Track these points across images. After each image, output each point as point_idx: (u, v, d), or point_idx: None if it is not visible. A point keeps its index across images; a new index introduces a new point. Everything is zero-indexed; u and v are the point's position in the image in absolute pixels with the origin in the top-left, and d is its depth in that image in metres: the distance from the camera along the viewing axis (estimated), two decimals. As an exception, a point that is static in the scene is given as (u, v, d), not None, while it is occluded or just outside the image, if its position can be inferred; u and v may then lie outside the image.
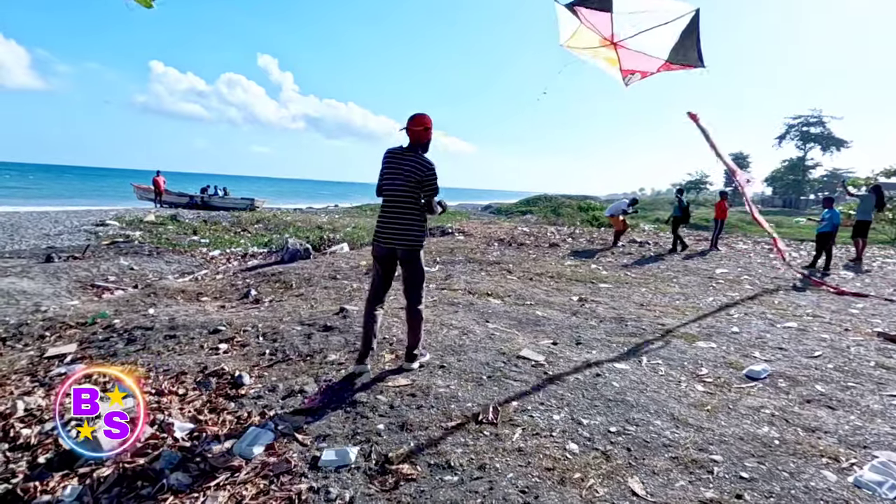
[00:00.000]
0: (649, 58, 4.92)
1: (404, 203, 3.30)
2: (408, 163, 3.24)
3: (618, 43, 4.90)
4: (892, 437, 2.69)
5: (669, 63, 4.86)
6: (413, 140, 3.29)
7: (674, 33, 4.51)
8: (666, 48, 4.71)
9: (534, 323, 4.81)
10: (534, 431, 2.69)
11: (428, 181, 3.23)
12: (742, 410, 3.00)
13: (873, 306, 6.18)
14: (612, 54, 5.09)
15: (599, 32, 4.83)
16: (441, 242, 10.52)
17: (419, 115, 3.30)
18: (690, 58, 4.70)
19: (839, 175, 57.03)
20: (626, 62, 5.14)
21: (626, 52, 4.98)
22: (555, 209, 34.14)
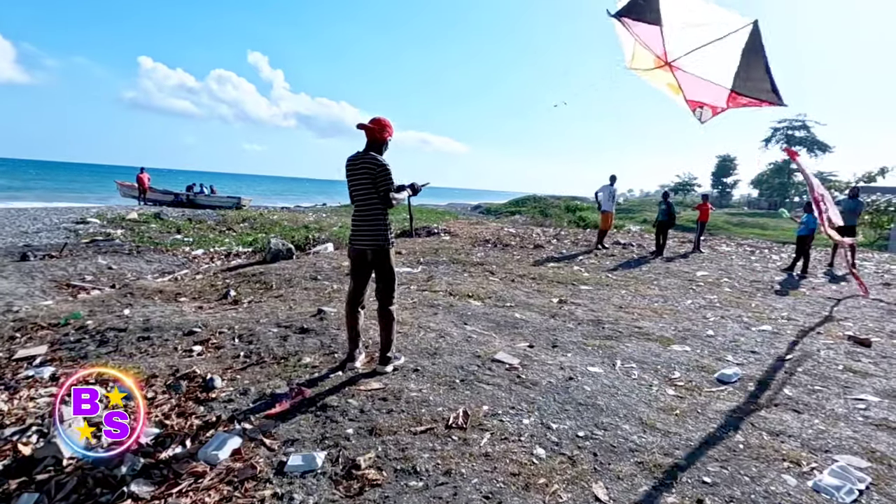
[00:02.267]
0: (711, 85, 4.29)
1: (368, 205, 3.41)
2: (362, 165, 3.36)
3: (672, 64, 4.35)
4: (853, 442, 2.74)
5: (736, 94, 4.20)
6: (370, 139, 3.41)
7: (734, 53, 3.89)
8: (728, 73, 4.07)
9: (512, 325, 4.83)
10: (502, 436, 2.70)
11: (380, 177, 3.31)
12: (710, 414, 3.04)
13: (847, 309, 6.30)
14: (671, 78, 4.53)
15: (652, 50, 4.31)
16: (426, 243, 10.51)
17: (378, 117, 3.46)
18: (762, 89, 4.01)
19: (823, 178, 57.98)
20: (688, 90, 4.55)
21: (685, 77, 4.42)
22: (543, 210, 34.27)
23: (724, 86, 4.16)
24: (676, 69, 4.36)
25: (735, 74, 4.00)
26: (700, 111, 4.61)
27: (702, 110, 4.60)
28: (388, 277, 3.54)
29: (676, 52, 4.21)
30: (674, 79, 4.48)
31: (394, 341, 3.64)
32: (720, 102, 4.39)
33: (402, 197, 3.60)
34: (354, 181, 3.41)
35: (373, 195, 3.37)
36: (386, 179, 3.35)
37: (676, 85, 4.53)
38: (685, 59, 4.22)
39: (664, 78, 4.57)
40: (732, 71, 3.99)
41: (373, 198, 3.38)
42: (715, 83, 4.20)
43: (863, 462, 2.54)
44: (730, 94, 4.19)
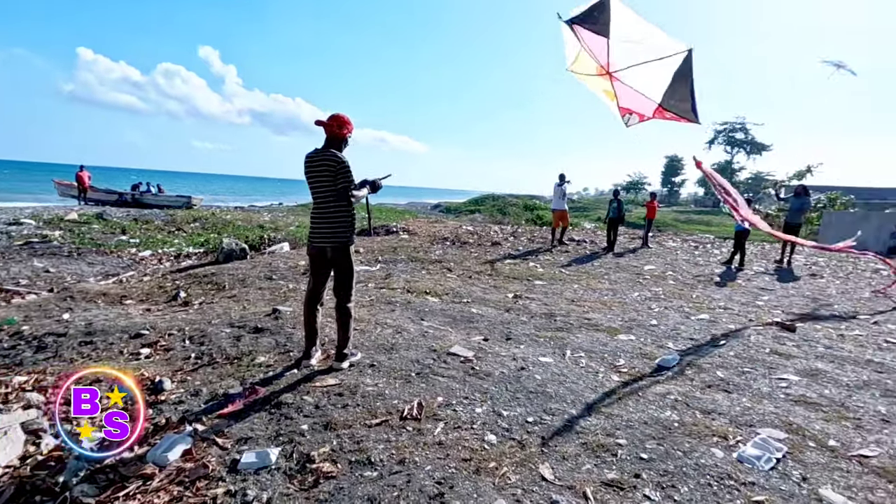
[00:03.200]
0: (643, 98, 4.74)
1: (327, 202, 3.44)
2: (321, 162, 3.37)
3: (613, 74, 4.72)
4: (774, 416, 3.00)
5: (663, 109, 4.70)
6: (329, 136, 3.43)
7: (667, 74, 4.37)
8: (659, 89, 4.54)
9: (468, 320, 4.94)
10: (455, 425, 2.79)
11: (340, 174, 3.34)
12: (650, 397, 3.24)
13: (777, 298, 6.79)
14: (609, 86, 4.90)
15: (596, 59, 4.66)
16: (385, 241, 10.50)
17: (337, 114, 3.48)
18: (684, 109, 4.55)
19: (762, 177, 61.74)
20: (622, 98, 4.96)
21: (622, 87, 4.81)
22: (501, 208, 34.81)
23: (654, 100, 4.64)
24: (616, 79, 4.72)
25: (665, 92, 4.49)
26: (629, 117, 5.09)
27: (630, 116, 5.08)
28: (347, 275, 3.57)
29: (618, 64, 4.58)
30: (611, 87, 4.85)
31: (350, 338, 3.66)
32: (647, 112, 4.87)
33: (362, 194, 3.62)
34: (314, 178, 3.42)
35: (331, 192, 3.39)
36: (346, 176, 3.37)
37: (613, 92, 4.91)
38: (625, 71, 4.60)
39: (602, 84, 4.92)
40: (663, 88, 4.48)
41: (332, 195, 3.40)
42: (647, 96, 4.67)
43: (781, 434, 2.78)
44: (657, 107, 4.69)
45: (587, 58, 4.70)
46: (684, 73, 4.24)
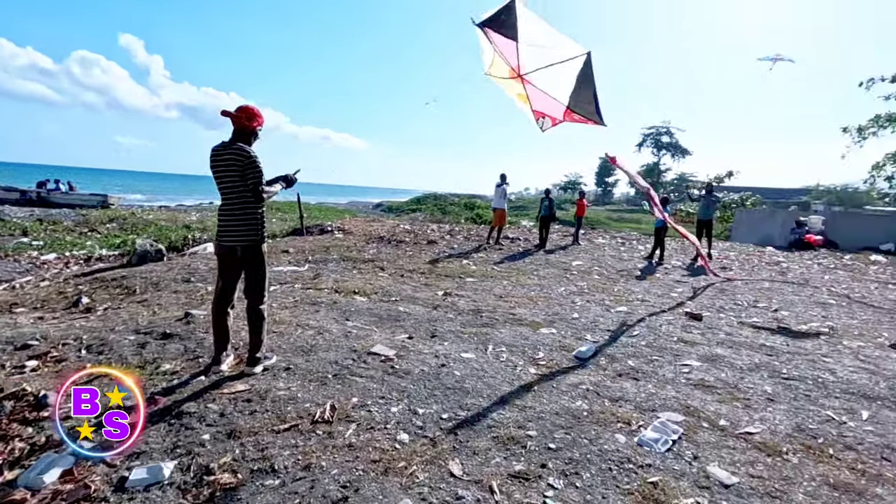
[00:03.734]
0: (553, 100, 4.89)
1: (236, 198, 3.29)
2: (227, 156, 3.21)
3: (524, 77, 4.84)
4: (674, 401, 3.19)
5: (571, 111, 4.88)
6: (237, 128, 3.28)
7: (571, 76, 4.54)
8: (566, 92, 4.72)
9: (394, 319, 4.89)
10: (368, 426, 2.74)
11: (248, 169, 3.19)
12: (563, 388, 3.34)
13: (689, 290, 7.26)
14: (521, 89, 5.02)
15: (508, 62, 4.75)
16: (318, 241, 10.22)
17: (245, 105, 3.34)
18: (589, 111, 4.76)
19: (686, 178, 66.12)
20: (534, 102, 5.10)
21: (533, 90, 4.94)
22: (442, 208, 34.99)
23: (562, 102, 4.84)
24: (527, 82, 4.87)
25: (571, 94, 4.70)
26: (542, 120, 5.26)
27: (543, 120, 5.26)
28: (259, 275, 3.43)
29: (527, 66, 4.73)
30: (524, 90, 5.00)
31: (264, 341, 3.51)
32: (558, 115, 5.06)
33: (274, 190, 3.50)
34: (220, 173, 3.24)
35: (240, 188, 3.24)
36: (255, 171, 3.23)
37: (525, 95, 5.06)
38: (534, 74, 4.75)
39: (516, 88, 5.06)
40: (569, 90, 4.68)
41: (241, 191, 3.24)
42: (555, 99, 4.85)
43: (679, 416, 2.96)
44: (566, 109, 4.89)
45: (501, 61, 4.83)
46: (587, 76, 4.46)
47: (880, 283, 8.85)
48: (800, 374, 3.75)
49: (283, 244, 9.77)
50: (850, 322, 5.68)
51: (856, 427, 2.90)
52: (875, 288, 8.28)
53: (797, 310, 6.23)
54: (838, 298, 7.13)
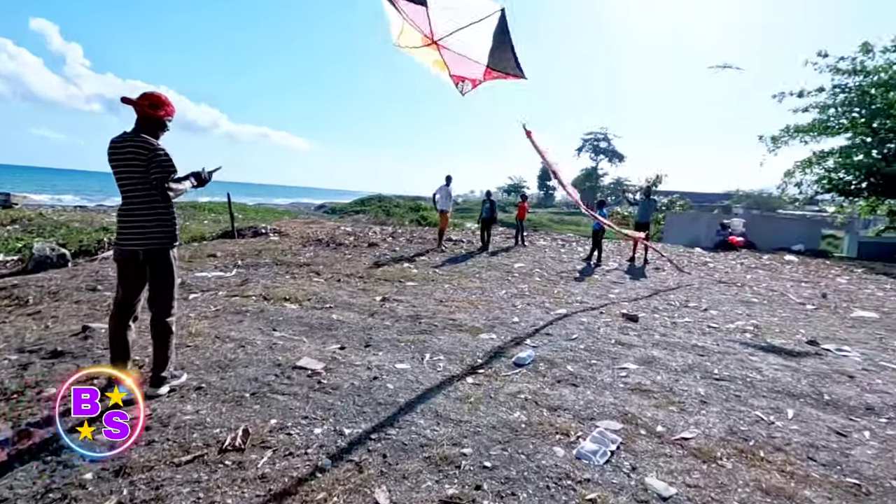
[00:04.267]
0: (471, 62, 4.75)
1: (138, 196, 2.91)
2: (128, 149, 2.85)
3: (438, 42, 4.66)
4: (612, 407, 3.12)
5: (490, 69, 4.75)
6: (140, 118, 2.93)
7: (487, 35, 4.42)
8: (484, 51, 4.59)
9: (327, 327, 4.57)
10: (287, 451, 2.45)
11: (153, 164, 2.84)
12: (501, 398, 3.19)
13: (626, 291, 7.42)
14: (438, 56, 4.85)
15: (420, 29, 4.56)
16: (250, 244, 9.61)
17: (150, 91, 2.98)
18: (509, 66, 4.65)
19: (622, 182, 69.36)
20: (452, 66, 4.93)
21: (450, 55, 4.78)
22: (387, 209, 34.51)
23: (481, 62, 4.73)
24: (442, 48, 4.72)
25: (489, 53, 4.59)
26: (462, 85, 5.11)
27: (463, 84, 5.10)
28: (166, 284, 3.04)
29: (441, 31, 4.57)
30: (440, 56, 4.84)
31: (172, 358, 3.12)
32: (478, 76, 4.96)
33: (182, 188, 3.10)
34: (120, 169, 2.87)
35: (143, 185, 2.87)
36: (160, 166, 2.87)
37: (442, 62, 4.90)
38: (449, 38, 4.61)
39: (431, 55, 4.88)
40: (487, 50, 4.57)
41: (144, 188, 2.87)
42: (474, 60, 4.74)
43: (617, 424, 2.88)
44: (486, 69, 4.79)
45: (411, 30, 4.65)
46: (503, 32, 4.36)
47: (794, 282, 9.49)
48: (730, 373, 3.82)
49: (211, 248, 9.09)
50: (771, 320, 5.98)
51: (783, 427, 2.95)
52: (791, 286, 8.86)
53: (724, 308, 6.49)
54: (760, 297, 7.54)
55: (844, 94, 19.72)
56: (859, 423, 3.05)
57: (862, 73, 19.32)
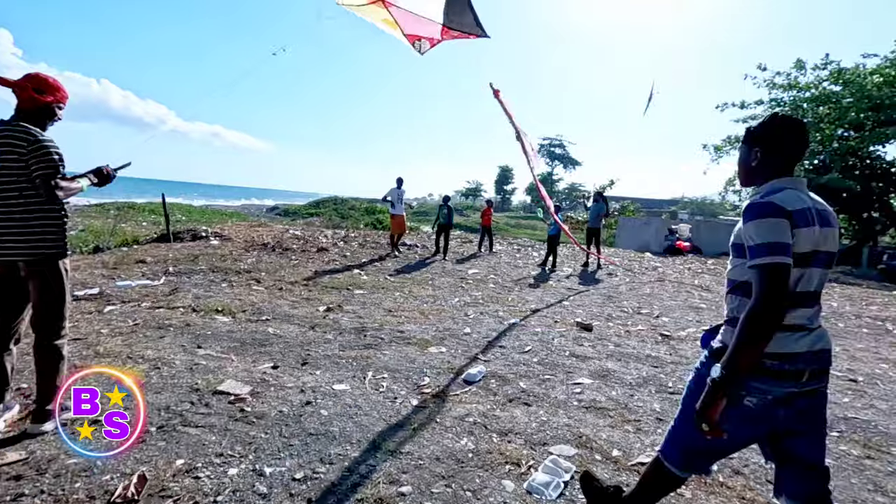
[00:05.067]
0: (426, 20, 4.46)
1: (14, 196, 2.45)
2: (3, 140, 2.41)
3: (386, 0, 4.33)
4: (566, 429, 2.90)
5: (447, 27, 4.48)
6: (21, 103, 2.49)
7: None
8: (438, 8, 4.33)
9: (260, 343, 4.16)
10: (192, 500, 2.07)
11: (34, 158, 2.40)
12: (448, 422, 2.91)
13: (580, 297, 7.35)
14: (387, 14, 4.51)
15: None
16: (186, 248, 8.93)
17: (36, 73, 2.56)
18: (467, 24, 4.41)
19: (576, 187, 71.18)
20: (405, 25, 4.59)
21: (400, 13, 4.45)
22: (341, 212, 33.74)
23: (436, 21, 4.47)
24: (390, 5, 4.41)
25: (444, 10, 4.36)
26: (419, 43, 4.81)
27: (420, 43, 4.81)
28: (53, 301, 2.59)
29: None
30: (389, 14, 4.53)
31: (61, 388, 2.65)
32: (435, 35, 4.70)
33: (76, 187, 2.65)
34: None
35: (21, 182, 2.43)
36: (43, 161, 2.43)
37: (393, 20, 4.59)
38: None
39: (379, 14, 4.55)
40: (441, 6, 4.34)
41: (21, 186, 2.43)
42: (428, 18, 4.47)
43: (571, 450, 2.66)
44: (442, 27, 4.55)
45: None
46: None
47: (739, 287, 9.77)
48: (684, 386, 3.70)
49: (142, 252, 8.36)
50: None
51: (740, 445, 2.82)
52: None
53: (675, 315, 6.51)
54: (707, 302, 7.66)
55: (780, 108, 20.89)
56: (813, 438, 2.97)
57: (795, 89, 20.55)
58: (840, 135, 20.06)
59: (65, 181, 2.56)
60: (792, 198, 1.44)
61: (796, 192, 1.49)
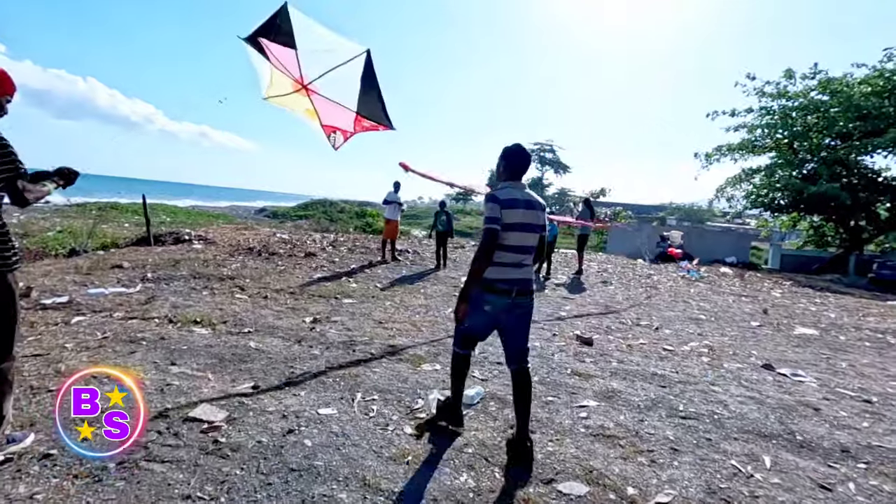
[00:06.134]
0: (342, 109, 4.56)
1: None
2: None
3: (308, 87, 4.45)
4: (575, 462, 2.64)
5: (360, 117, 4.59)
6: None
7: (355, 79, 4.27)
8: (353, 96, 4.41)
9: (241, 359, 3.85)
10: (150, 559, 1.77)
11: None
12: (446, 454, 2.63)
13: (577, 307, 7.12)
14: (308, 103, 4.60)
15: (289, 73, 4.34)
16: (167, 252, 8.54)
17: None
18: (377, 115, 4.55)
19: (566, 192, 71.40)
20: (324, 115, 4.70)
21: (320, 101, 4.57)
22: (331, 215, 33.30)
23: (351, 109, 4.54)
24: (312, 92, 4.50)
25: (358, 98, 4.43)
26: (334, 136, 4.84)
27: (335, 135, 4.82)
28: (3, 320, 2.28)
29: (311, 74, 4.35)
30: (310, 103, 4.61)
31: (8, 417, 2.35)
32: (349, 126, 4.76)
33: (44, 190, 2.40)
34: None
35: None
36: (7, 162, 2.16)
37: (313, 109, 4.66)
38: (319, 81, 4.39)
39: (302, 103, 4.63)
40: (356, 95, 4.40)
41: None
42: (344, 106, 4.54)
43: (583, 488, 2.41)
44: (356, 116, 4.60)
45: (281, 76, 4.40)
46: (369, 76, 4.25)
47: (735, 296, 9.65)
48: (696, 409, 3.48)
49: (119, 256, 7.98)
50: (722, 339, 5.83)
51: (763, 480, 2.58)
52: (733, 301, 8.96)
53: (676, 327, 6.31)
54: (707, 314, 7.48)
55: (769, 116, 21.01)
56: (840, 471, 2.75)
57: (784, 97, 20.68)
58: (827, 144, 20.23)
59: (32, 185, 2.29)
60: (506, 192, 2.54)
61: (513, 189, 2.58)
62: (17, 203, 2.24)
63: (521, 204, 2.51)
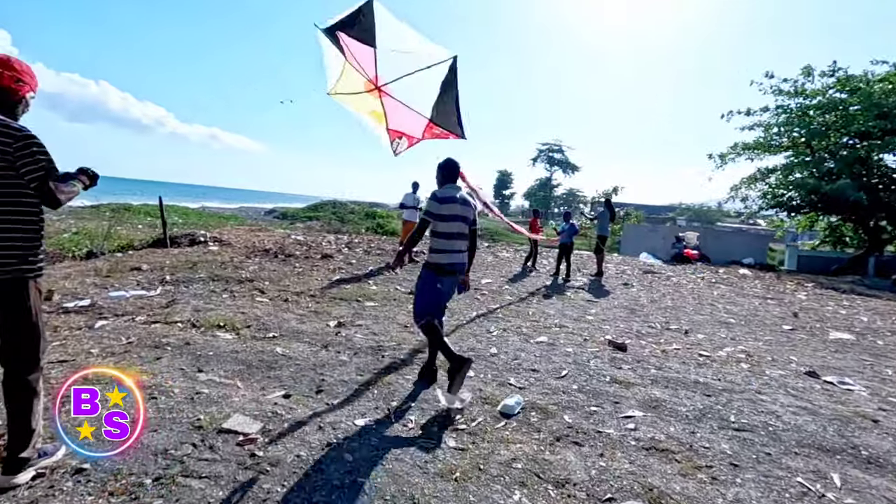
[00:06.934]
0: (414, 114, 4.36)
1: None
2: None
3: (382, 88, 4.26)
4: (632, 479, 2.49)
5: (432, 124, 4.39)
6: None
7: (435, 84, 4.06)
8: (429, 102, 4.21)
9: (269, 366, 3.73)
10: (196, 588, 1.64)
11: (27, 156, 2.03)
12: (493, 470, 2.49)
13: (602, 311, 6.95)
14: (378, 105, 4.39)
15: (364, 72, 4.16)
16: (184, 254, 8.48)
17: (2, 57, 2.14)
18: (451, 123, 4.34)
19: (574, 192, 71.05)
20: (392, 119, 4.49)
21: (392, 103, 4.37)
22: (341, 216, 33.24)
23: (424, 115, 4.34)
24: (385, 94, 4.32)
25: (434, 105, 4.22)
26: (398, 142, 4.64)
27: (399, 141, 4.63)
28: (24, 328, 2.18)
29: (387, 76, 4.17)
30: (380, 105, 4.42)
31: (38, 430, 2.23)
32: (417, 133, 4.56)
33: (75, 190, 2.31)
34: None
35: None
36: (38, 158, 2.07)
37: (382, 112, 4.46)
38: (394, 84, 4.21)
39: (369, 104, 4.44)
40: (432, 101, 4.20)
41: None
42: (417, 112, 4.35)
43: (645, 508, 2.25)
44: (428, 123, 4.40)
45: (353, 73, 4.20)
46: (450, 83, 4.04)
47: (760, 298, 9.41)
48: (748, 421, 3.31)
49: (137, 258, 7.92)
50: (756, 345, 5.63)
51: (836, 501, 2.42)
52: (759, 304, 8.73)
53: (707, 331, 6.12)
54: (735, 317, 7.28)
55: (786, 115, 20.64)
56: (915, 489, 2.57)
57: (802, 95, 20.31)
58: (846, 143, 19.84)
59: (64, 185, 2.19)
60: (444, 192, 3.33)
61: (451, 189, 3.37)
62: (49, 204, 2.15)
63: (459, 200, 3.33)
